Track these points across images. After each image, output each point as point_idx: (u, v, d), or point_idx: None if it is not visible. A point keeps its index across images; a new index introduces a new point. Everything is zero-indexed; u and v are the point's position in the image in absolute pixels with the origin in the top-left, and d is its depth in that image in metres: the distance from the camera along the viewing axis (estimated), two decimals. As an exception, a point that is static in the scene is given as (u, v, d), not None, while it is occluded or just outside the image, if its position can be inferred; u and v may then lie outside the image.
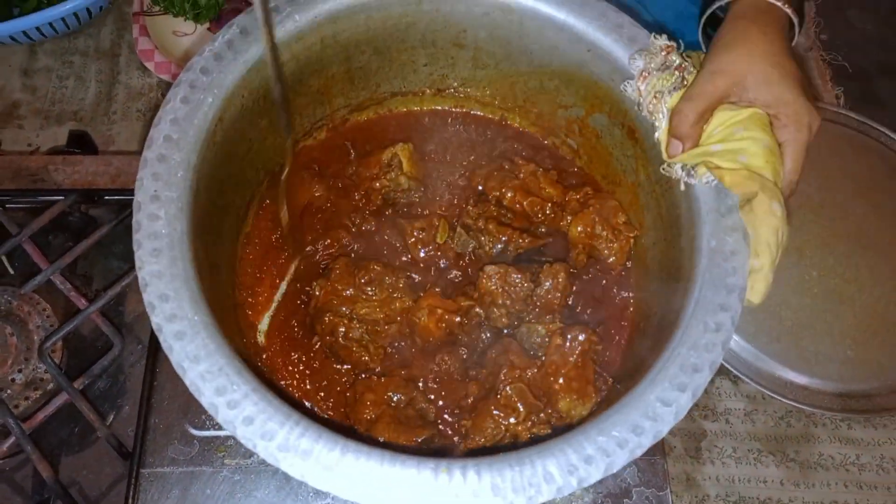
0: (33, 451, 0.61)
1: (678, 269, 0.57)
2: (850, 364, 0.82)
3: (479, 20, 0.64)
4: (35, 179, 0.76)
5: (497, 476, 0.45)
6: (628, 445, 0.46)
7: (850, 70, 1.05)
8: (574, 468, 0.45)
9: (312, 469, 0.45)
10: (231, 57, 0.57)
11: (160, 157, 0.53)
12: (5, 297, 0.70)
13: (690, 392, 0.48)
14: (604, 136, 0.68)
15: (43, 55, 1.01)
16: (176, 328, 0.48)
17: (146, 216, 0.51)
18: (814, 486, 0.77)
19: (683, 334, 0.51)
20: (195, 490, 0.63)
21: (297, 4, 0.59)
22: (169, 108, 0.55)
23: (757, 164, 0.52)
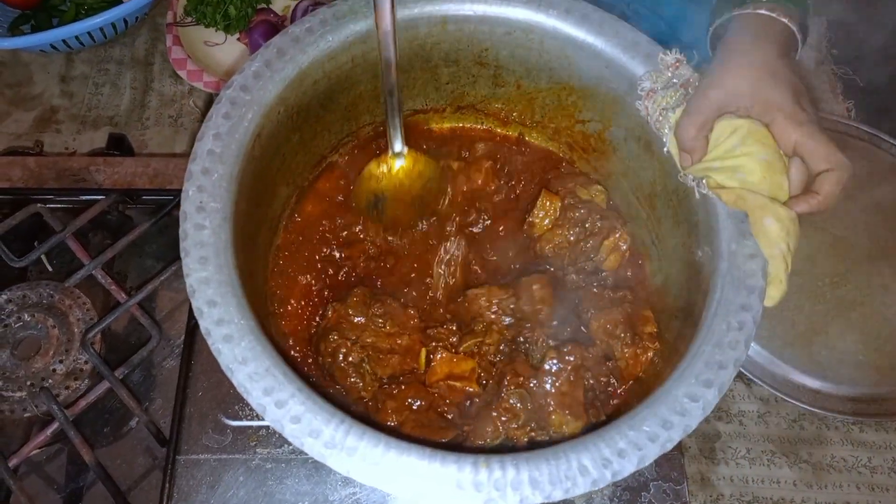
0: (76, 436, 0.64)
1: (698, 273, 0.59)
2: (862, 369, 0.83)
3: (502, 39, 0.67)
4: (77, 179, 0.79)
5: (535, 470, 0.47)
6: (659, 439, 0.48)
7: (861, 83, 1.07)
8: (608, 461, 0.47)
9: (358, 465, 0.47)
10: (269, 75, 0.60)
11: (204, 171, 0.56)
12: (48, 290, 0.73)
13: (717, 388, 0.50)
14: (620, 150, 0.70)
15: (80, 63, 1.05)
16: (224, 332, 0.50)
17: (193, 226, 0.53)
18: (826, 488, 0.78)
19: (707, 333, 0.53)
20: (228, 477, 0.65)
21: (330, 25, 0.62)
22: (211, 123, 0.57)
23: (753, 181, 0.54)
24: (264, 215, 0.67)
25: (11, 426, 0.70)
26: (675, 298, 0.64)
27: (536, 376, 0.61)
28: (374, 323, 0.64)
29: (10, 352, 0.70)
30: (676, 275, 0.65)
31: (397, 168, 0.67)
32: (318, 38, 0.62)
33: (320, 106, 0.67)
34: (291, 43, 0.61)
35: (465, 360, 0.63)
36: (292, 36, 0.62)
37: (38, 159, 0.82)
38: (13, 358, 0.70)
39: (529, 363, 0.63)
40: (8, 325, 0.71)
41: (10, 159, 0.82)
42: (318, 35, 0.62)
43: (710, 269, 0.57)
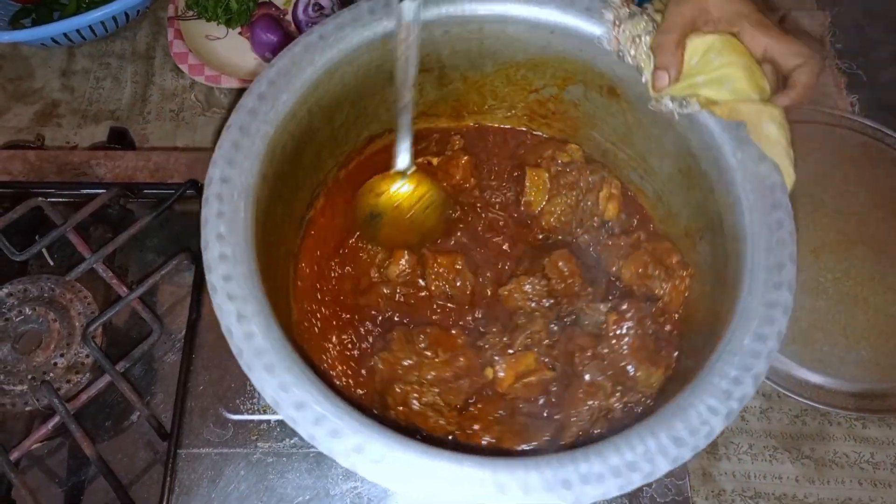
0: (77, 430, 0.64)
1: (705, 188, 0.62)
2: (865, 365, 0.83)
3: (441, 40, 0.65)
4: (78, 173, 0.79)
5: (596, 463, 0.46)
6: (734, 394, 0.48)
7: (865, 78, 1.06)
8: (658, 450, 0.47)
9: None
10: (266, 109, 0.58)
11: (218, 197, 0.54)
12: (49, 284, 0.73)
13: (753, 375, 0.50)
14: (582, 104, 0.71)
15: (81, 57, 1.04)
16: (265, 362, 0.48)
17: (215, 253, 0.52)
18: (828, 483, 0.78)
19: (751, 245, 0.54)
20: (229, 471, 0.65)
21: (280, 84, 0.59)
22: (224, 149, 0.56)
23: (742, 88, 0.56)
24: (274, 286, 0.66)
25: (12, 420, 0.70)
26: (689, 219, 0.66)
27: (603, 343, 0.61)
28: (425, 358, 0.62)
29: (12, 345, 0.70)
30: (679, 199, 0.67)
31: (398, 187, 0.66)
32: (277, 103, 0.58)
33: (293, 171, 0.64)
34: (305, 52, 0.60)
35: (524, 355, 0.62)
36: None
37: (39, 153, 0.82)
38: (14, 352, 0.70)
39: (587, 333, 0.63)
40: (9, 319, 0.71)
41: (11, 153, 0.82)
42: (274, 100, 0.58)
43: (723, 184, 0.59)
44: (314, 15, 1.04)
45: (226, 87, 1.01)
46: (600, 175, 0.70)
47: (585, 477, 0.45)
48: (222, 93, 1.01)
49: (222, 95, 1.01)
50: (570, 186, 0.70)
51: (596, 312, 0.63)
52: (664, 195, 0.69)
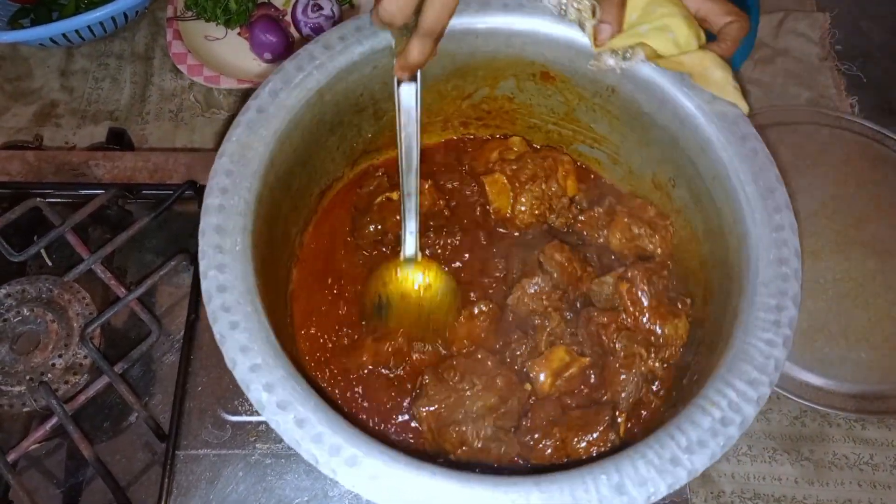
0: (75, 431, 0.63)
1: (666, 142, 0.64)
2: (865, 366, 0.83)
3: (371, 76, 0.64)
4: (76, 174, 0.79)
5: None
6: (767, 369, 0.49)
7: (865, 80, 1.06)
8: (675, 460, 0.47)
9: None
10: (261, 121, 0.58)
11: (220, 209, 0.54)
12: (47, 285, 0.73)
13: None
14: (516, 96, 0.71)
15: (80, 57, 1.04)
16: (278, 400, 0.47)
17: (215, 275, 0.51)
18: (828, 485, 0.78)
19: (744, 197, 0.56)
20: (227, 472, 0.65)
21: (238, 174, 0.56)
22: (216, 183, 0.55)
23: (685, 34, 0.58)
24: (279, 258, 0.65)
25: (10, 421, 0.69)
26: (655, 173, 0.68)
27: (622, 314, 0.62)
28: (464, 391, 0.61)
29: (10, 346, 0.70)
30: (638, 157, 0.69)
31: (404, 275, 0.65)
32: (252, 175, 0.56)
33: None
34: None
35: (553, 351, 0.62)
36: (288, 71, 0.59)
37: (38, 153, 0.82)
38: (12, 352, 0.70)
39: (602, 309, 0.64)
40: (7, 320, 0.71)
41: (10, 153, 0.82)
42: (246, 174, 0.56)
43: (688, 132, 0.61)
44: (313, 15, 1.04)
45: (225, 88, 1.00)
46: (551, 156, 0.71)
47: (689, 448, 0.46)
48: (221, 93, 1.01)
49: (221, 96, 1.01)
50: (531, 179, 0.70)
51: (604, 287, 0.64)
52: (620, 157, 0.71)
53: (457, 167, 0.75)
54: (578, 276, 0.66)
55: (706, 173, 0.61)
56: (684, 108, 0.61)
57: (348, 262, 0.70)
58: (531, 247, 0.68)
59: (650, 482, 0.45)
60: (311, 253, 0.70)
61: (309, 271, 0.69)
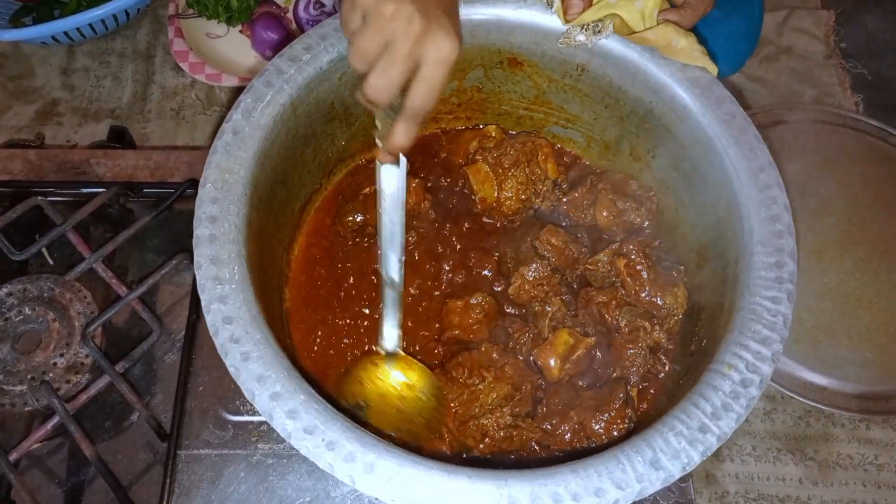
0: (77, 430, 0.63)
1: (637, 116, 0.65)
2: (869, 366, 0.82)
3: (339, 85, 0.64)
4: (78, 172, 0.78)
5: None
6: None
7: (870, 77, 1.06)
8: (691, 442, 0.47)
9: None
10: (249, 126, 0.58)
11: (211, 239, 0.54)
12: (48, 284, 0.72)
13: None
14: (485, 86, 0.72)
15: (81, 55, 1.04)
16: (287, 410, 0.47)
17: (218, 307, 0.51)
18: (832, 485, 0.78)
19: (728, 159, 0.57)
20: (229, 472, 0.65)
21: (225, 199, 0.56)
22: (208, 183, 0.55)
23: (650, 5, 0.59)
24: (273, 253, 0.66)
25: (12, 420, 0.69)
26: (632, 144, 0.69)
27: (623, 287, 0.63)
28: (475, 386, 0.61)
29: (11, 345, 0.69)
30: (613, 131, 0.69)
31: (383, 373, 0.62)
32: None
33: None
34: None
35: (557, 335, 0.62)
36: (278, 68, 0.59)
37: (39, 152, 0.81)
38: (14, 352, 0.69)
39: (601, 287, 0.64)
40: (8, 319, 0.70)
41: (11, 152, 0.81)
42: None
43: (664, 101, 0.61)
44: (315, 13, 1.03)
45: (226, 86, 1.00)
46: (529, 142, 0.71)
47: (714, 413, 0.47)
48: (223, 91, 1.01)
49: (223, 94, 1.01)
50: (514, 164, 0.70)
51: (599, 265, 0.65)
52: (595, 134, 0.71)
53: (434, 162, 0.75)
54: (575, 258, 0.66)
55: (686, 140, 0.61)
56: (657, 77, 0.61)
57: (339, 273, 0.70)
58: (521, 235, 0.68)
59: (683, 453, 0.45)
60: (301, 269, 0.70)
61: (301, 288, 0.69)
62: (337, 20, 0.62)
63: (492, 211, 0.71)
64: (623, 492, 0.44)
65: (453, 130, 0.77)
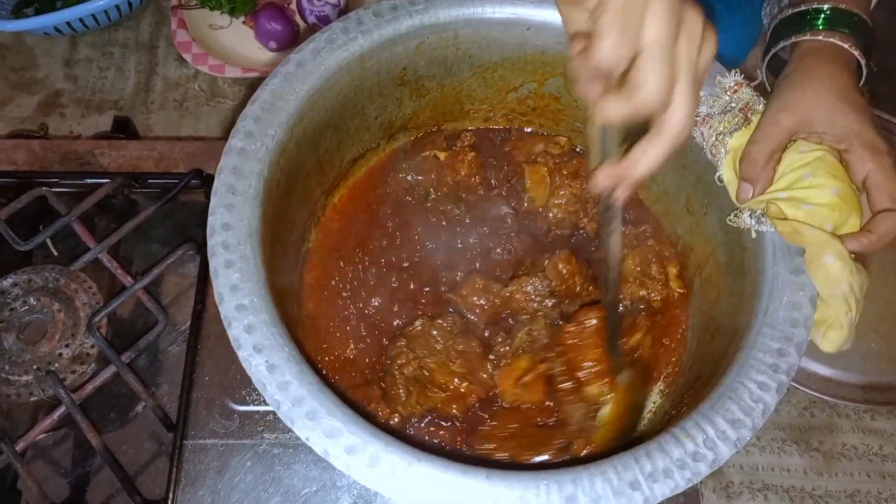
0: (83, 420, 0.63)
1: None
2: (874, 357, 0.82)
3: (415, 52, 0.64)
4: (82, 163, 0.78)
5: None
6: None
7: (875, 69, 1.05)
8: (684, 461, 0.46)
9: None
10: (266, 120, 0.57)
11: (241, 151, 0.54)
12: (53, 274, 0.72)
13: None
14: (563, 96, 0.71)
15: (84, 46, 1.04)
16: (294, 398, 0.47)
17: (232, 305, 0.50)
18: (836, 476, 0.78)
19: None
20: (235, 462, 0.65)
21: (265, 120, 0.57)
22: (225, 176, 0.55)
23: (821, 214, 0.51)
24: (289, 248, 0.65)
25: (18, 410, 0.69)
26: (689, 198, 0.65)
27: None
28: (448, 356, 0.62)
29: (17, 336, 0.69)
30: (674, 179, 0.66)
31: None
32: (267, 139, 0.57)
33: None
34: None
35: (517, 360, 0.62)
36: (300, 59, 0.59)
37: (43, 143, 0.81)
38: (19, 342, 0.69)
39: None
40: (14, 310, 0.71)
41: (15, 143, 0.81)
42: (266, 136, 0.57)
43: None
44: (319, 4, 1.03)
45: (230, 77, 1.00)
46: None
47: (652, 475, 0.45)
48: (226, 82, 1.01)
49: (226, 85, 1.01)
50: (573, 175, 0.69)
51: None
52: (658, 176, 0.69)
53: (496, 151, 0.74)
54: (577, 292, 0.65)
55: (733, 205, 0.57)
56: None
57: (375, 230, 0.70)
58: (546, 247, 0.68)
59: (603, 500, 0.44)
60: (336, 218, 0.70)
61: (329, 235, 0.69)
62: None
63: (535, 214, 0.70)
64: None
65: (523, 130, 0.76)
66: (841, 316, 0.50)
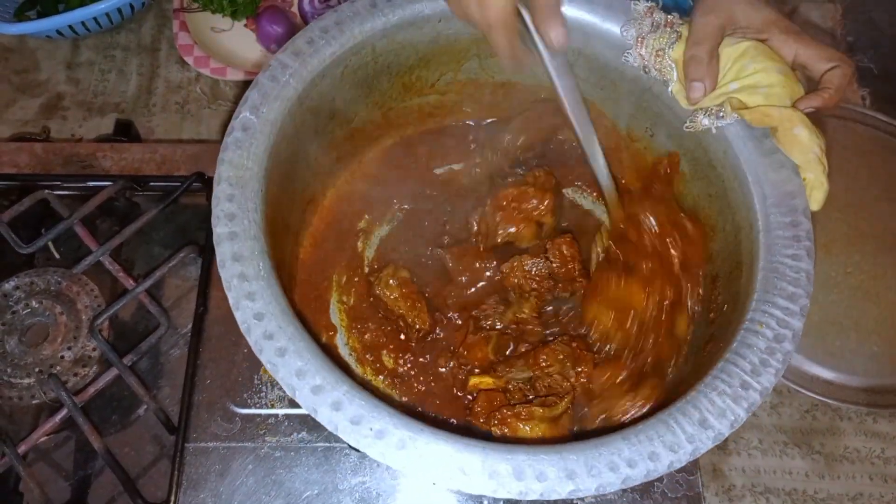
0: (85, 423, 0.63)
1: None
2: (876, 360, 0.82)
3: (341, 80, 0.64)
4: (84, 165, 0.78)
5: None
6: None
7: (876, 72, 1.05)
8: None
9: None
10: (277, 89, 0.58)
11: (232, 236, 0.53)
12: (55, 277, 0.72)
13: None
14: (479, 76, 0.72)
15: (86, 49, 1.04)
16: (331, 402, 0.47)
17: (248, 304, 0.50)
18: (839, 479, 0.78)
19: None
20: (237, 465, 0.65)
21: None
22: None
23: (777, 93, 0.56)
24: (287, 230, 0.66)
25: (20, 413, 0.69)
26: (631, 127, 0.69)
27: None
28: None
29: (19, 338, 0.70)
30: (612, 113, 0.69)
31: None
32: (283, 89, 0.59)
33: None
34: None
35: (481, 378, 0.63)
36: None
37: (45, 145, 0.81)
38: (21, 345, 0.69)
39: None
40: (16, 312, 0.71)
41: (18, 145, 0.81)
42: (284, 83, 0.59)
43: (660, 85, 0.61)
44: (320, 7, 1.03)
45: (231, 80, 1.00)
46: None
47: (754, 369, 0.48)
48: (228, 85, 1.01)
49: (228, 88, 1.01)
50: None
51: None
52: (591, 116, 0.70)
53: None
54: (573, 277, 0.66)
55: (685, 114, 0.61)
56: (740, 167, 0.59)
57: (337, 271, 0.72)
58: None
59: (728, 411, 0.46)
60: (306, 268, 0.71)
61: (305, 286, 0.70)
62: (337, 13, 0.61)
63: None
64: (676, 454, 0.45)
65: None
66: (820, 175, 0.56)
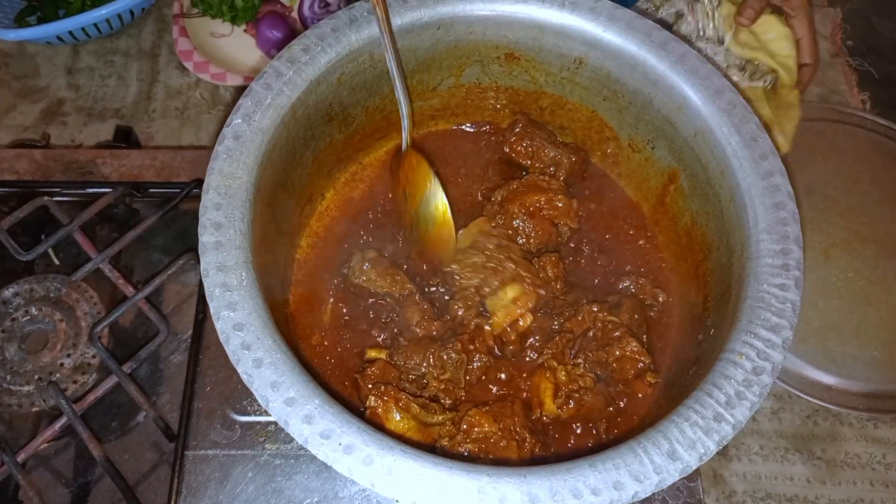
0: (84, 431, 0.63)
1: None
2: (877, 365, 0.82)
3: (337, 85, 0.64)
4: (84, 172, 0.78)
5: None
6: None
7: (877, 76, 1.05)
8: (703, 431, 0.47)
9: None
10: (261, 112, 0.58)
11: (217, 245, 0.54)
12: (55, 284, 0.72)
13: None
14: (483, 81, 0.72)
15: (86, 55, 1.04)
16: (303, 415, 0.47)
17: (228, 315, 0.50)
18: (840, 485, 0.77)
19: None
20: (237, 473, 0.65)
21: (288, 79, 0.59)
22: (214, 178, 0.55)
23: (789, 63, 0.70)
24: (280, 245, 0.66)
25: (20, 420, 0.69)
26: (632, 137, 0.70)
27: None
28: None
29: (18, 346, 0.70)
30: (614, 123, 0.70)
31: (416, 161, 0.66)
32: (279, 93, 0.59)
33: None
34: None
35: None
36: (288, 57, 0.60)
37: (45, 152, 0.81)
38: (21, 352, 0.69)
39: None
40: (15, 319, 0.71)
41: (17, 152, 0.81)
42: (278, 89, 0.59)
43: (661, 94, 0.62)
44: (320, 12, 1.03)
45: (231, 85, 1.00)
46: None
47: (728, 402, 0.47)
48: (227, 90, 1.01)
49: (227, 93, 1.01)
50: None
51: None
52: (594, 125, 0.72)
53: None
54: (555, 296, 0.66)
55: (686, 131, 0.61)
56: (654, 69, 0.61)
57: (337, 270, 0.70)
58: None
59: (699, 443, 0.46)
60: (305, 272, 0.69)
61: (304, 290, 0.69)
62: (334, 20, 0.61)
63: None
64: (641, 484, 0.44)
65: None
66: (790, 130, 0.74)
